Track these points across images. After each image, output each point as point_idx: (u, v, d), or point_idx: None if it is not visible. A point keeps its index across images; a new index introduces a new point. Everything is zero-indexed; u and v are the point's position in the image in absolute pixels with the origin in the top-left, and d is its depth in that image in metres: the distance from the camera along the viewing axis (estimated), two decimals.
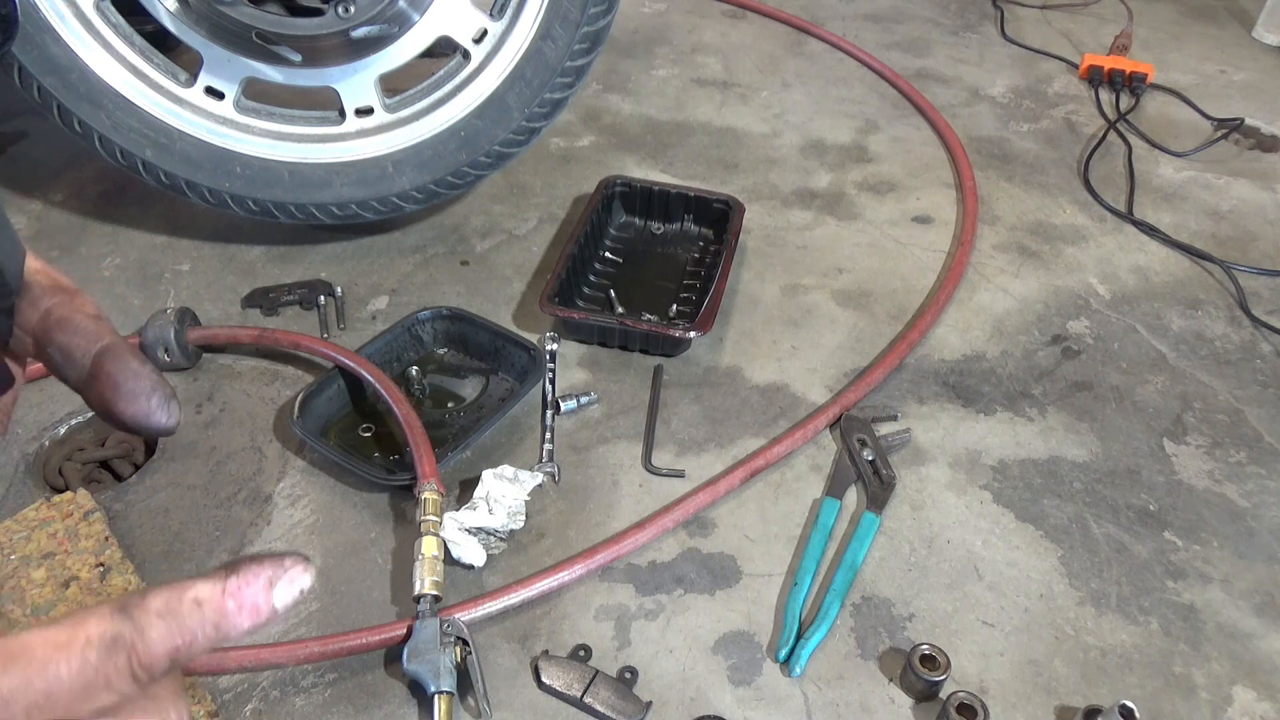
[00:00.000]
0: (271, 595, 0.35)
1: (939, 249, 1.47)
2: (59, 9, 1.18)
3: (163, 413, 0.42)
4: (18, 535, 0.95)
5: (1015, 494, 1.07)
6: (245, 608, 0.35)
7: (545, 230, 1.46)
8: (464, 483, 1.05)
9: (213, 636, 0.35)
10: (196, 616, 0.34)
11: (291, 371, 1.19)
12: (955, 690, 0.85)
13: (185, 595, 0.34)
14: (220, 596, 0.35)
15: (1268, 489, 1.09)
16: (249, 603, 0.35)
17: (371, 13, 1.17)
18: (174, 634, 0.34)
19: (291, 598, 0.36)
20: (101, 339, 0.42)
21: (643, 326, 1.20)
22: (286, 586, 0.36)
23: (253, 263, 1.37)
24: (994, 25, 2.21)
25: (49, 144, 1.60)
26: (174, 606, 0.34)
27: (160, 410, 0.42)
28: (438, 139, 1.28)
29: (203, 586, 0.35)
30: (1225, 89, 1.96)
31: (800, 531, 1.02)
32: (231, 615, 0.35)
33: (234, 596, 0.35)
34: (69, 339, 0.42)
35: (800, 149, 1.71)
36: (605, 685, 0.85)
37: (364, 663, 0.88)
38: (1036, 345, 1.29)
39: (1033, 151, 1.72)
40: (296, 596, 0.36)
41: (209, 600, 0.35)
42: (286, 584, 0.36)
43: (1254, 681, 0.90)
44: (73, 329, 0.42)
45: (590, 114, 1.78)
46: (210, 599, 0.35)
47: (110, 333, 0.43)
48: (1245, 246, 1.50)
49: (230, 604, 0.35)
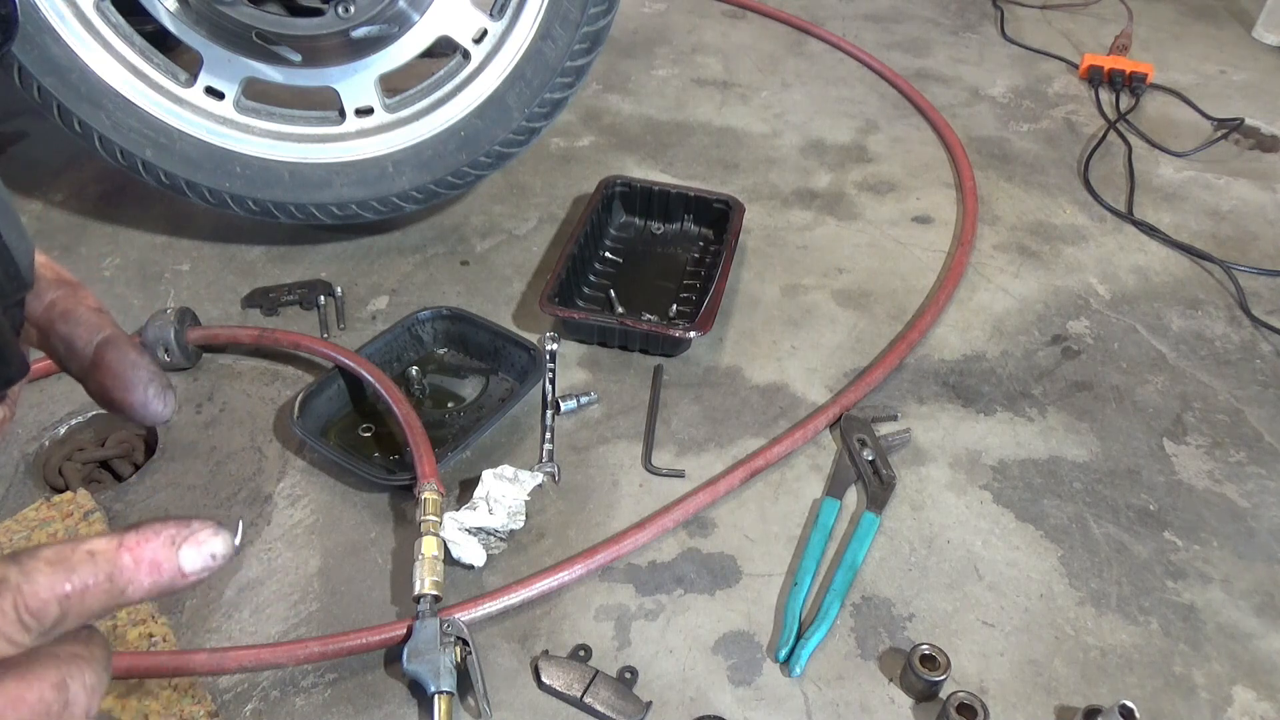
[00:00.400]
0: (176, 555, 0.35)
1: (939, 249, 1.47)
2: (59, 9, 1.18)
3: (159, 401, 0.43)
4: (17, 535, 0.95)
5: (1015, 494, 1.07)
6: (143, 563, 0.34)
7: (545, 230, 1.46)
8: (464, 483, 1.05)
9: (106, 589, 0.34)
10: (88, 565, 0.34)
11: (291, 371, 1.19)
12: (955, 690, 0.85)
13: (79, 547, 0.34)
14: (116, 549, 0.34)
15: (1268, 489, 1.09)
16: (147, 558, 0.34)
17: (371, 13, 1.17)
18: (61, 580, 0.33)
19: (201, 563, 0.35)
20: (103, 330, 0.43)
21: (643, 326, 1.20)
22: (193, 549, 0.35)
23: (253, 263, 1.37)
24: (994, 25, 2.21)
25: (49, 144, 1.60)
26: (65, 555, 0.34)
27: (157, 399, 0.43)
28: (438, 139, 1.28)
29: (98, 540, 0.34)
30: (1225, 89, 1.96)
31: (800, 531, 1.02)
32: (126, 569, 0.34)
33: (130, 550, 0.34)
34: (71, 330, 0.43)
35: (800, 149, 1.71)
36: (605, 685, 0.85)
37: (364, 663, 0.88)
38: (1036, 345, 1.29)
39: (1033, 151, 1.72)
40: (207, 562, 0.35)
41: (103, 552, 0.34)
42: (193, 546, 0.35)
43: (1254, 681, 0.90)
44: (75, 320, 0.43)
45: (590, 114, 1.78)
46: (104, 551, 0.34)
47: (111, 325, 0.44)
48: (1245, 246, 1.50)
49: (126, 557, 0.34)
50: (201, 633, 0.90)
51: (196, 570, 0.35)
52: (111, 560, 0.34)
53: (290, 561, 0.97)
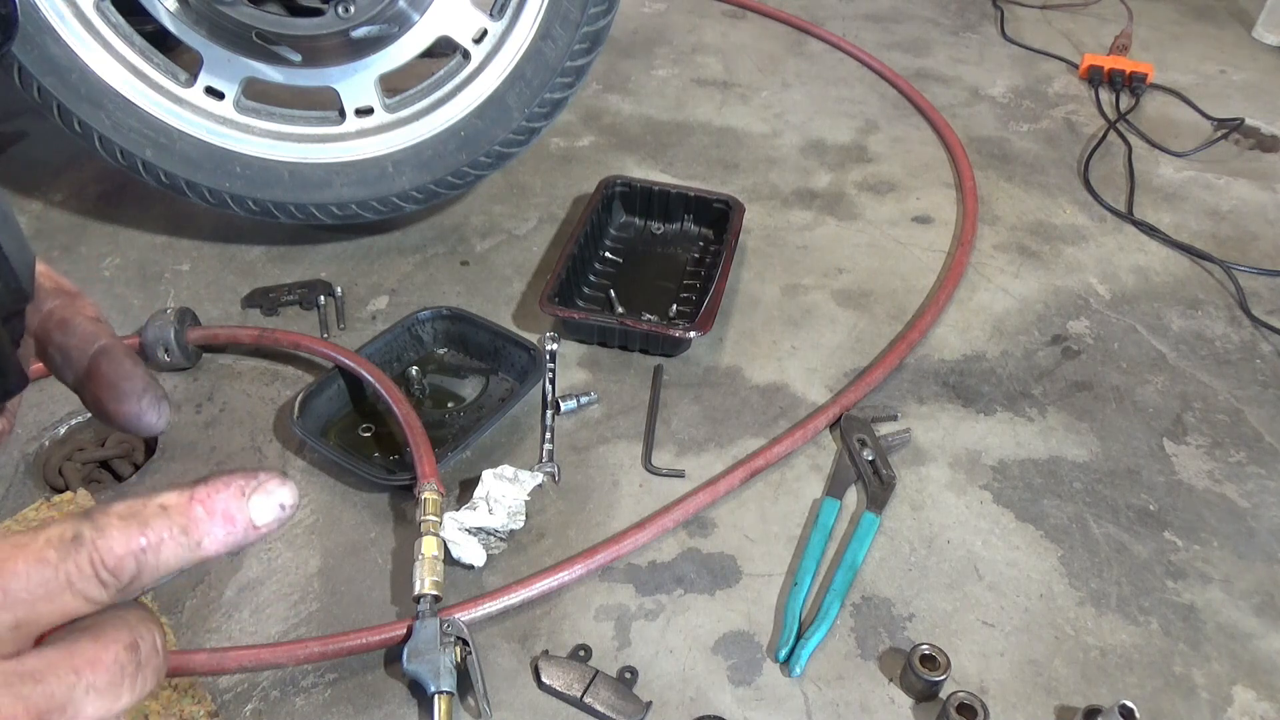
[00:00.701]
0: (247, 506, 0.34)
1: (939, 249, 1.47)
2: (59, 9, 1.18)
3: (153, 412, 0.43)
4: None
5: (1015, 494, 1.07)
6: (216, 514, 0.34)
7: (545, 230, 1.46)
8: (464, 483, 1.05)
9: (181, 543, 0.33)
10: (162, 519, 0.33)
11: (291, 371, 1.19)
12: (955, 690, 0.85)
13: (150, 501, 0.33)
14: (188, 502, 0.33)
15: (1268, 489, 1.09)
16: (220, 509, 0.34)
17: (371, 13, 1.17)
18: (135, 534, 0.32)
19: (273, 514, 0.34)
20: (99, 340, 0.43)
21: (643, 326, 1.20)
22: (263, 498, 0.34)
23: (253, 263, 1.37)
24: (994, 25, 2.21)
25: (49, 144, 1.60)
26: (137, 510, 0.33)
27: (151, 410, 0.43)
28: (438, 139, 1.28)
29: (169, 494, 0.34)
30: (1225, 89, 1.96)
31: (800, 531, 1.02)
32: (201, 520, 0.33)
33: (202, 502, 0.34)
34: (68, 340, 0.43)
35: (800, 149, 1.71)
36: (605, 685, 0.85)
37: (364, 663, 0.88)
38: (1036, 345, 1.29)
39: (1033, 151, 1.72)
40: (279, 514, 0.34)
41: (175, 505, 0.33)
42: (263, 495, 0.34)
43: (1254, 681, 0.90)
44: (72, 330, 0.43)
45: (590, 114, 1.78)
46: (176, 504, 0.33)
47: (108, 334, 0.44)
48: (1245, 246, 1.50)
49: (198, 509, 0.33)
50: (201, 633, 0.90)
51: (268, 522, 0.34)
52: (185, 513, 0.33)
53: (290, 561, 0.97)
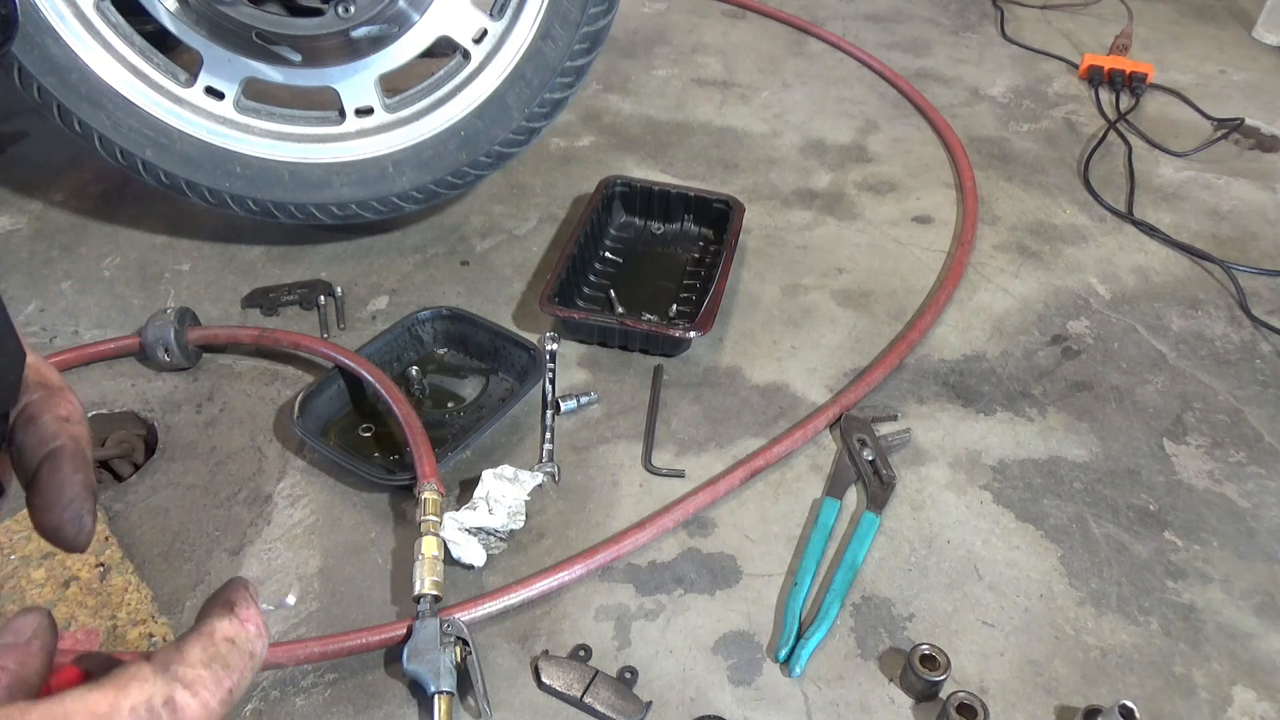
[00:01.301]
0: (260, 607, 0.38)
1: (939, 249, 1.47)
2: (59, 9, 1.18)
3: (72, 527, 0.40)
4: (18, 535, 0.95)
5: (1015, 494, 1.07)
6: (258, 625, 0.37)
7: (545, 230, 1.46)
8: (464, 483, 1.05)
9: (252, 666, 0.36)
10: (236, 653, 0.35)
11: (291, 371, 1.19)
12: (955, 690, 0.85)
13: (213, 634, 0.35)
14: (242, 626, 0.36)
15: (1268, 489, 1.09)
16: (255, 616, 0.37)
17: (371, 13, 1.17)
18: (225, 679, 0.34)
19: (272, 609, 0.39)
20: (54, 441, 0.41)
21: (643, 326, 1.20)
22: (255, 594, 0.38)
23: (253, 263, 1.37)
24: (994, 25, 2.21)
25: (49, 144, 1.60)
26: (212, 652, 0.34)
27: (71, 524, 0.40)
28: (438, 139, 1.28)
29: (223, 623, 0.36)
30: (1225, 89, 1.96)
31: (800, 531, 1.02)
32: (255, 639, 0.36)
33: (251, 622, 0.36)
34: (27, 438, 0.41)
35: (800, 149, 1.71)
36: (605, 685, 0.85)
37: (364, 663, 0.88)
38: (1036, 345, 1.29)
39: (1033, 151, 1.72)
40: None
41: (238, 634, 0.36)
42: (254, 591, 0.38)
43: (1254, 681, 0.90)
44: (34, 429, 0.41)
45: (590, 114, 1.78)
46: (238, 633, 0.36)
47: (69, 435, 0.42)
48: (1245, 246, 1.50)
49: (252, 629, 0.36)
50: None
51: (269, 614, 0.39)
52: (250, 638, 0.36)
53: (290, 561, 0.97)
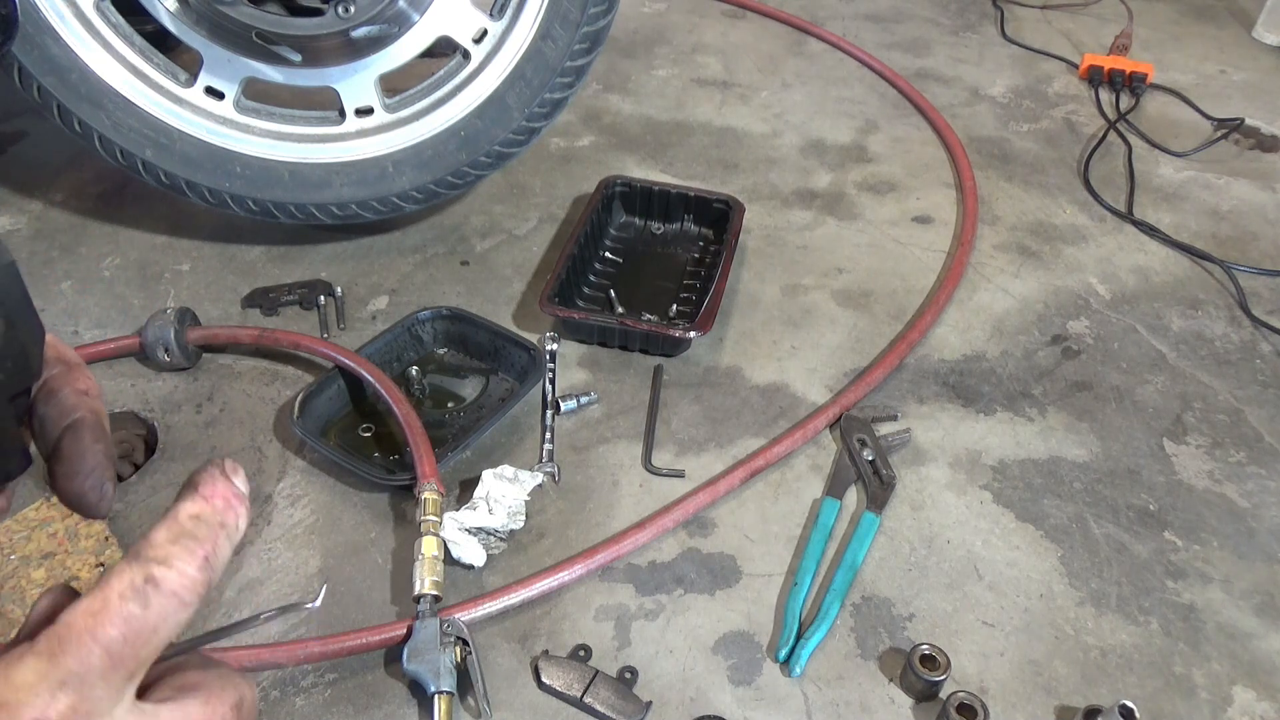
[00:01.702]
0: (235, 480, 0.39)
1: (939, 249, 1.47)
2: (59, 9, 1.18)
3: (94, 494, 0.43)
4: (18, 535, 0.95)
5: (1015, 494, 1.07)
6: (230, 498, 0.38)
7: (545, 230, 1.46)
8: (464, 483, 1.05)
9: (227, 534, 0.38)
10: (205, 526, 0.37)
11: (291, 371, 1.19)
12: (955, 690, 0.85)
13: (178, 515, 0.37)
14: (208, 501, 0.38)
15: (1268, 489, 1.09)
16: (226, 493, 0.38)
17: (371, 13, 1.17)
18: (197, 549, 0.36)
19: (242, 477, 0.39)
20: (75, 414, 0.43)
21: (643, 326, 1.20)
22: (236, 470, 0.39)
23: (253, 263, 1.37)
24: (994, 25, 2.21)
25: (49, 144, 1.60)
26: (178, 529, 0.37)
27: (92, 491, 0.43)
28: (438, 139, 1.28)
29: (186, 504, 0.37)
30: (1225, 89, 1.96)
31: (800, 531, 1.02)
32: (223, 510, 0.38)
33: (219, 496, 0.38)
34: (48, 410, 0.43)
35: (800, 149, 1.71)
36: (605, 685, 0.85)
37: (364, 663, 0.88)
38: (1036, 345, 1.29)
39: (1033, 151, 1.72)
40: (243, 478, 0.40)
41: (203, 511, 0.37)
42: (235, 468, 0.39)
43: (1254, 681, 0.90)
44: (55, 402, 0.43)
45: (590, 114, 1.78)
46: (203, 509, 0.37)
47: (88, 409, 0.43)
48: (1245, 246, 1.50)
49: (218, 503, 0.38)
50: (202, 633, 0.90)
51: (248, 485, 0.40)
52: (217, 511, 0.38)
53: (290, 561, 0.97)
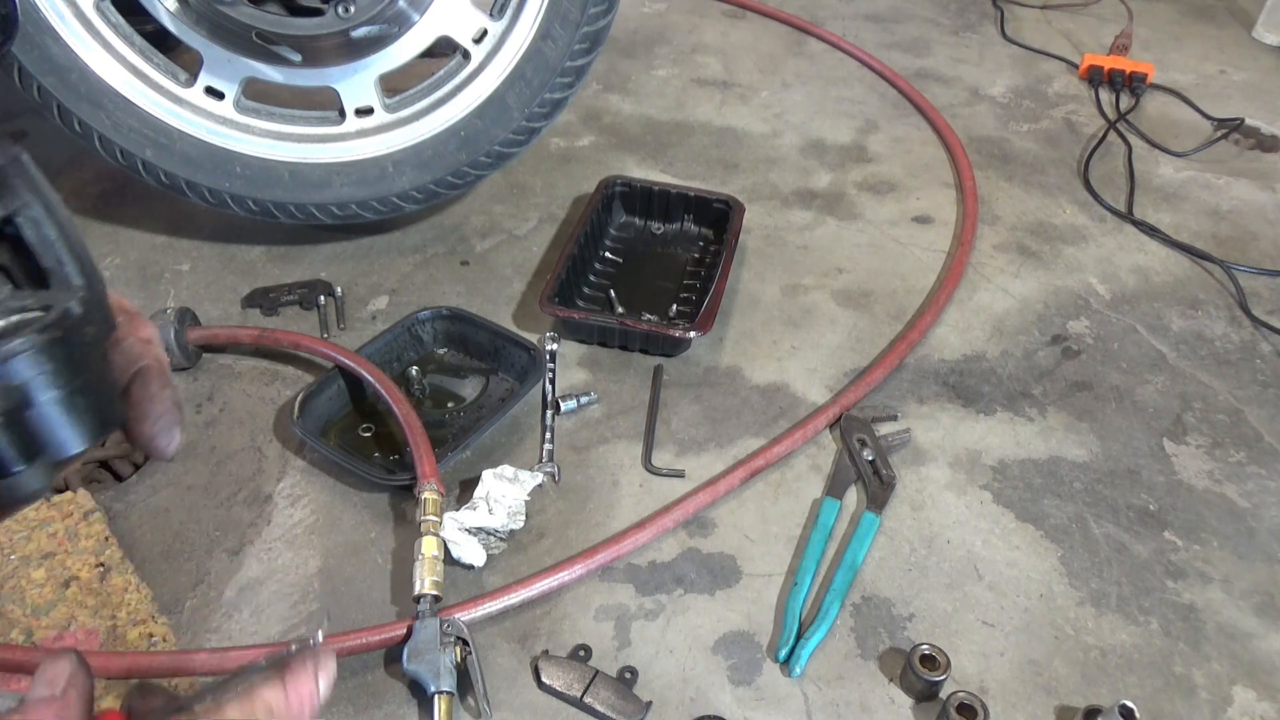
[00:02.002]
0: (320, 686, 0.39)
1: (939, 249, 1.47)
2: (59, 9, 1.18)
3: (164, 437, 0.46)
4: (18, 535, 0.95)
5: (1015, 494, 1.07)
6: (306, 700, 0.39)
7: (545, 230, 1.46)
8: (464, 483, 1.05)
9: None
10: None
11: (291, 371, 1.19)
12: (955, 690, 0.85)
13: (257, 704, 0.37)
14: (285, 701, 0.38)
15: (1268, 489, 1.09)
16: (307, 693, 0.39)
17: (371, 13, 1.17)
18: None
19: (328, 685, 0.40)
20: (141, 361, 0.45)
21: (643, 326, 1.20)
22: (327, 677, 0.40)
23: (253, 263, 1.37)
24: (994, 25, 2.21)
25: (49, 144, 1.60)
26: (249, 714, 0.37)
27: (162, 434, 0.46)
28: (438, 139, 1.28)
29: (266, 689, 0.38)
30: (1225, 89, 1.96)
31: (800, 531, 1.02)
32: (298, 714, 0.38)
33: (302, 697, 0.38)
34: (114, 358, 0.45)
35: (800, 149, 1.71)
36: (605, 685, 0.85)
37: (364, 663, 0.88)
38: (1036, 345, 1.29)
39: (1033, 151, 1.72)
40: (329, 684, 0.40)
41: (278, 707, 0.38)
42: (326, 674, 0.40)
43: (1254, 681, 0.90)
44: (121, 350, 0.45)
45: (590, 114, 1.78)
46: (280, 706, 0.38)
47: (153, 356, 0.46)
48: (1245, 246, 1.50)
49: (296, 703, 0.38)
50: (201, 633, 0.90)
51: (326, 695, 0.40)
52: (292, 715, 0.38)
53: (290, 561, 0.97)
